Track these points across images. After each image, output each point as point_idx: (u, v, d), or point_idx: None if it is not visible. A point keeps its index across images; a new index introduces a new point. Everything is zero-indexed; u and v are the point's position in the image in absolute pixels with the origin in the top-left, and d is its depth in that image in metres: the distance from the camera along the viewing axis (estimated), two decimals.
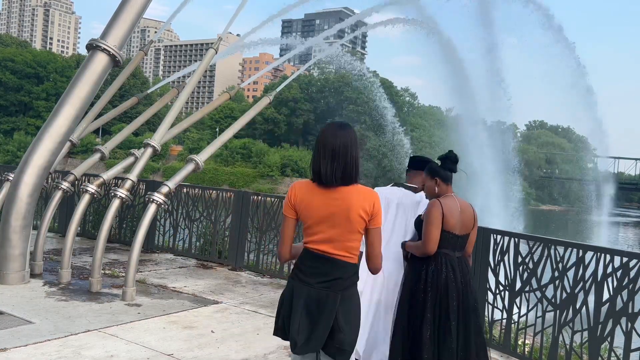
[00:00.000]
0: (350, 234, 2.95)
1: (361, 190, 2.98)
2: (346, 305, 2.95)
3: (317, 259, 2.98)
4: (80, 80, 6.94)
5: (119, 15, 7.07)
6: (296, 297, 2.97)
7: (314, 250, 2.99)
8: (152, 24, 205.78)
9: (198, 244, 9.60)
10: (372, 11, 14.45)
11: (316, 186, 2.99)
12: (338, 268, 2.96)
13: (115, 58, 7.03)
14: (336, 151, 2.94)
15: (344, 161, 2.94)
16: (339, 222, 2.94)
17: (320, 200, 2.96)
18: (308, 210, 2.98)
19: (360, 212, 2.93)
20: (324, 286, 2.94)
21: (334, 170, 2.92)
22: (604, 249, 5.13)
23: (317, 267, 2.97)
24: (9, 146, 78.37)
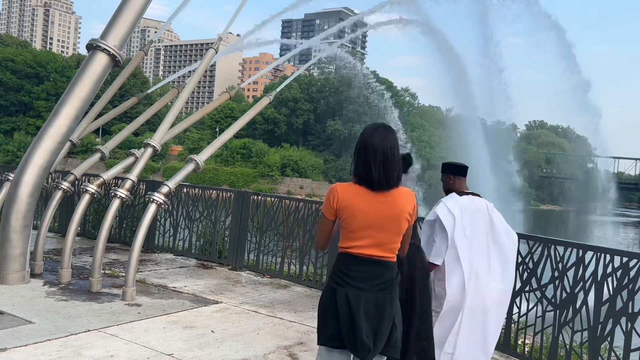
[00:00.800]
0: (397, 236, 3.01)
1: (404, 193, 3.02)
2: (396, 304, 3.01)
3: (368, 263, 2.97)
4: (81, 80, 6.94)
5: (119, 15, 7.07)
6: (354, 303, 2.91)
7: (362, 255, 2.97)
8: (152, 24, 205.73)
9: (198, 244, 9.60)
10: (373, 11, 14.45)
11: (363, 190, 2.97)
12: (389, 270, 3.00)
13: (116, 58, 7.03)
14: (387, 154, 2.92)
15: (394, 165, 2.93)
16: (389, 225, 2.96)
17: (369, 205, 2.95)
18: (355, 216, 2.96)
19: (407, 215, 2.99)
20: (379, 289, 2.95)
21: (387, 175, 2.91)
22: (604, 249, 5.14)
23: (369, 271, 2.96)
24: (9, 146, 78.40)
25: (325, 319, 3.00)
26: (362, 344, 2.88)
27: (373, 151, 2.93)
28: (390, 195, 2.96)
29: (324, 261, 7.93)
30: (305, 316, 6.58)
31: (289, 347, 5.53)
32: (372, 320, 2.92)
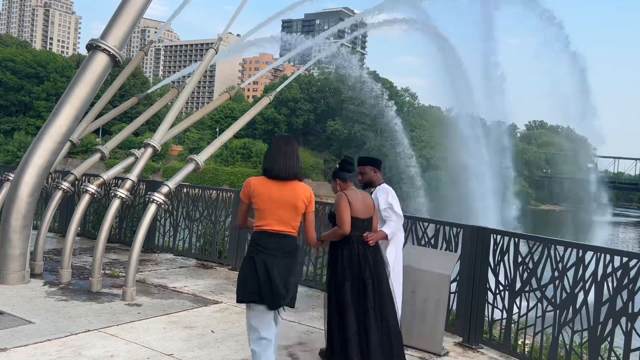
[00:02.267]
0: (296, 216, 4.07)
1: (300, 184, 4.12)
2: (296, 268, 4.11)
3: (276, 236, 4.02)
4: (81, 80, 6.94)
5: (119, 15, 7.07)
6: (270, 266, 3.93)
7: (272, 230, 4.02)
8: (152, 24, 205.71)
9: (198, 244, 9.60)
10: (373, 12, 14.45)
11: (269, 181, 4.05)
12: (291, 241, 4.08)
13: (116, 58, 7.03)
14: (287, 155, 4.07)
15: (291, 162, 4.06)
16: (289, 207, 4.03)
17: (273, 192, 4.02)
18: (263, 200, 4.03)
19: (303, 199, 4.07)
20: (286, 255, 4.02)
21: (286, 169, 4.04)
22: (604, 249, 5.13)
23: (277, 242, 4.02)
24: (9, 146, 78.38)
25: (245, 280, 3.98)
26: (278, 294, 3.90)
27: (276, 152, 4.08)
28: (290, 184, 4.04)
29: (323, 261, 7.93)
30: (305, 316, 6.58)
31: (289, 347, 5.53)
32: (282, 277, 3.94)
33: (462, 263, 6.12)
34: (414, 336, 5.83)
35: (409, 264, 6.03)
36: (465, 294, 6.09)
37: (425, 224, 6.69)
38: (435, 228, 6.53)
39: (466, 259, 6.11)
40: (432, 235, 6.54)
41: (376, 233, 5.07)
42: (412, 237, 6.73)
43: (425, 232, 6.64)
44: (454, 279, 6.13)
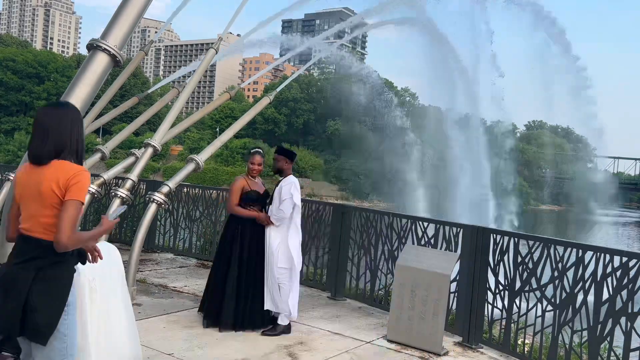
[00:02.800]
0: (45, 209, 2.79)
1: (60, 165, 2.84)
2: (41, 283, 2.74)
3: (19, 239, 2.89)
4: (81, 80, 6.93)
5: (120, 15, 7.06)
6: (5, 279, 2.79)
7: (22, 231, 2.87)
8: (152, 24, 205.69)
9: (198, 244, 9.61)
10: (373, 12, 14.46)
11: (29, 166, 2.91)
12: (34, 246, 2.80)
13: (116, 58, 7.02)
14: (45, 129, 2.86)
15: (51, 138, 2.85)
16: (36, 198, 2.81)
17: (28, 180, 2.87)
18: (16, 191, 2.93)
19: (53, 184, 2.77)
20: (27, 265, 2.76)
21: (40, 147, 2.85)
22: (604, 248, 5.14)
23: (18, 247, 2.87)
24: (9, 146, 78.34)
25: None
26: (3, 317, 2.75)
27: (35, 125, 2.90)
28: (46, 168, 2.82)
29: (323, 261, 7.94)
30: (305, 316, 6.59)
31: (289, 346, 5.54)
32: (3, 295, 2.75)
33: (462, 263, 6.13)
34: (414, 336, 5.84)
35: (409, 264, 6.05)
36: (465, 294, 6.10)
37: (425, 224, 6.70)
38: (435, 228, 6.54)
39: (466, 258, 6.12)
40: (432, 235, 6.55)
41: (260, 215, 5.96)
42: (412, 237, 6.74)
43: (425, 232, 6.65)
44: (454, 278, 6.14)
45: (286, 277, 5.90)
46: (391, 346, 5.85)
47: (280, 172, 6.10)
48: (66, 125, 2.89)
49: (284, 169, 6.09)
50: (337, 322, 6.49)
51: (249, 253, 5.96)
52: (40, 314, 2.71)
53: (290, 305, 5.90)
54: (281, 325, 5.91)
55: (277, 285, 5.86)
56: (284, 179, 6.04)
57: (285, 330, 5.92)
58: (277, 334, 5.83)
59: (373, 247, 7.21)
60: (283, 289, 5.87)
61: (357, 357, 5.46)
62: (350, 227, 7.48)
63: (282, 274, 5.88)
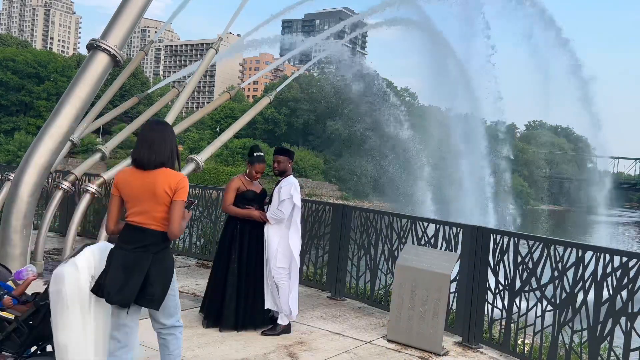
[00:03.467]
0: (158, 205, 3.56)
1: (167, 172, 3.62)
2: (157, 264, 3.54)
3: (132, 228, 3.60)
4: (81, 80, 6.95)
5: (120, 15, 7.07)
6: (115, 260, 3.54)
7: (130, 222, 3.61)
8: (152, 24, 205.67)
9: (198, 244, 9.61)
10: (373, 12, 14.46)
11: (134, 170, 3.65)
12: (149, 236, 3.56)
13: (116, 58, 7.03)
14: (151, 143, 3.63)
15: (155, 150, 3.61)
16: (149, 196, 3.56)
17: (135, 182, 3.60)
18: (125, 191, 3.64)
19: (165, 187, 3.54)
20: (138, 249, 3.54)
21: (149, 157, 3.60)
22: (604, 248, 5.14)
23: (131, 235, 3.59)
24: (9, 146, 78.28)
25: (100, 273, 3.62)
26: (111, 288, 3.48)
27: (141, 139, 3.66)
28: (156, 173, 3.58)
29: (323, 261, 7.94)
30: (305, 316, 6.59)
31: (289, 346, 5.55)
32: (127, 273, 3.48)
33: (462, 263, 6.13)
34: (414, 336, 5.85)
35: (409, 264, 6.05)
36: (465, 294, 6.10)
37: (425, 224, 6.71)
38: (435, 228, 6.54)
39: (466, 258, 6.12)
40: (432, 235, 6.56)
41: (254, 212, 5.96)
42: (412, 237, 6.75)
43: (425, 232, 6.65)
44: (454, 278, 6.14)
45: (285, 277, 5.90)
46: (391, 346, 5.86)
47: (283, 174, 6.06)
48: (167, 138, 3.68)
49: (287, 169, 6.06)
50: (337, 322, 6.50)
51: (249, 253, 5.97)
52: (157, 287, 3.52)
53: (290, 305, 5.90)
54: (281, 325, 5.91)
55: (275, 285, 5.87)
56: (284, 179, 6.02)
57: (285, 330, 5.92)
58: (277, 334, 5.84)
59: (373, 247, 7.21)
60: (282, 289, 5.87)
61: (357, 357, 5.46)
62: (350, 227, 7.48)
63: (280, 273, 5.87)
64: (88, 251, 3.77)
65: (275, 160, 6.06)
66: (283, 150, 6.19)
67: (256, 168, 6.08)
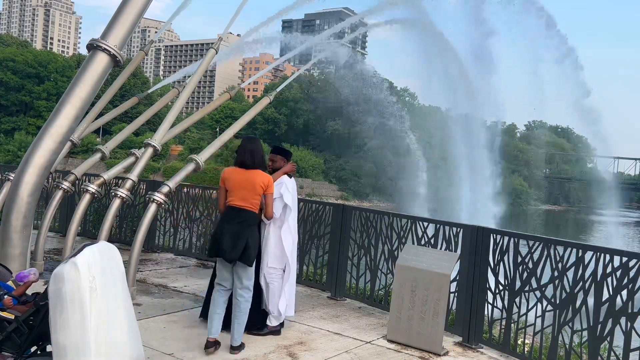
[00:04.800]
0: (256, 195, 5.33)
1: (261, 172, 5.39)
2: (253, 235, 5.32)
3: (235, 209, 5.30)
4: (81, 80, 6.94)
5: (120, 15, 7.07)
6: (224, 230, 5.23)
7: (233, 205, 5.31)
8: (152, 24, 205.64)
9: (198, 244, 9.61)
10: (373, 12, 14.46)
11: (238, 169, 5.40)
12: (246, 214, 5.31)
13: (116, 58, 7.03)
14: (251, 151, 5.41)
15: (253, 156, 5.40)
16: (250, 188, 5.30)
17: (239, 177, 5.35)
18: (230, 182, 5.36)
19: (260, 183, 5.32)
20: (239, 224, 5.25)
21: (249, 160, 5.37)
22: (604, 248, 5.14)
23: (234, 214, 5.30)
24: (9, 146, 78.31)
25: (211, 242, 5.37)
26: (223, 250, 5.17)
27: (244, 148, 5.44)
28: (253, 173, 5.33)
29: (323, 261, 7.94)
30: (305, 316, 6.59)
31: (289, 346, 5.55)
32: (233, 239, 5.16)
33: (462, 263, 6.13)
34: (414, 336, 5.85)
35: (409, 264, 6.05)
36: (465, 294, 6.10)
37: (425, 224, 6.71)
38: (435, 228, 6.54)
39: (466, 258, 6.12)
40: (432, 235, 6.56)
41: None
42: (412, 237, 6.74)
43: (425, 232, 6.65)
44: (454, 278, 6.14)
45: (276, 277, 5.83)
46: (391, 346, 5.86)
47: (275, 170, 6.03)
48: (259, 149, 5.49)
49: (281, 168, 6.06)
50: (337, 322, 6.50)
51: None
52: (252, 249, 5.24)
53: (279, 307, 5.82)
54: (269, 325, 5.84)
55: (266, 285, 5.82)
56: (280, 179, 6.01)
57: (273, 331, 5.84)
58: (263, 334, 5.78)
59: (373, 247, 7.21)
60: (272, 289, 5.80)
61: (357, 357, 5.46)
62: (350, 227, 7.48)
63: (271, 274, 5.81)
64: (88, 251, 3.76)
65: (270, 159, 6.11)
66: (278, 149, 6.23)
67: None
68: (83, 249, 3.76)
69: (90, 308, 3.67)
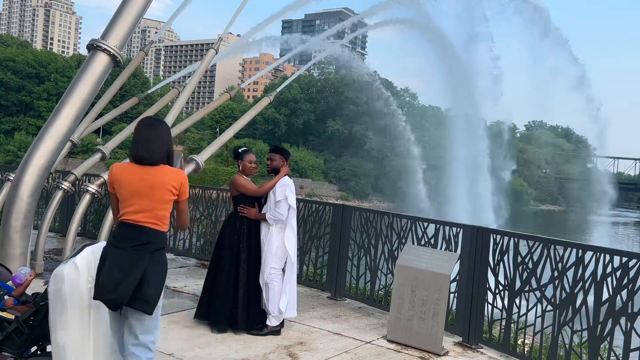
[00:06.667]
0: (161, 204, 3.54)
1: (170, 170, 3.60)
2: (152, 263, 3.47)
3: (129, 227, 3.51)
4: (81, 80, 6.95)
5: (120, 15, 7.08)
6: (109, 259, 3.45)
7: (127, 220, 3.52)
8: (152, 24, 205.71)
9: (198, 244, 9.61)
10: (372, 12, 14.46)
11: (133, 165, 3.56)
12: (147, 234, 3.51)
13: (116, 58, 7.04)
14: (149, 138, 3.56)
15: (156, 146, 3.55)
16: (152, 194, 3.51)
17: (134, 177, 3.52)
18: (122, 187, 3.54)
19: (169, 187, 3.53)
20: (136, 248, 3.45)
21: (150, 153, 3.54)
22: (604, 248, 5.14)
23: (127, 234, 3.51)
24: (9, 146, 78.26)
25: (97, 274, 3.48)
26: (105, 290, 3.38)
27: (139, 135, 3.58)
28: (154, 170, 3.52)
29: (323, 261, 7.94)
30: (305, 316, 6.59)
31: (289, 346, 5.55)
32: (121, 273, 3.36)
33: (462, 263, 6.13)
34: (414, 336, 5.85)
35: (409, 264, 6.05)
36: (465, 294, 6.10)
37: (425, 224, 6.71)
38: (435, 228, 6.54)
39: (466, 259, 6.12)
40: (432, 235, 6.56)
41: None
42: (412, 237, 6.74)
43: (425, 232, 6.65)
44: (454, 278, 6.14)
45: (276, 277, 5.84)
46: (391, 346, 5.86)
47: (276, 172, 6.04)
48: (164, 136, 3.64)
49: (280, 167, 6.07)
50: (337, 322, 6.50)
51: (256, 253, 5.94)
52: (153, 287, 3.41)
53: (280, 307, 5.81)
54: (269, 325, 5.83)
55: (266, 285, 5.82)
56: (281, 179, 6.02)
57: (273, 331, 5.83)
58: (263, 334, 5.77)
59: (373, 247, 7.21)
60: (272, 289, 5.80)
61: (357, 357, 5.46)
62: (350, 227, 7.48)
63: (271, 274, 5.82)
64: (88, 251, 3.76)
65: (269, 158, 6.10)
66: (277, 148, 6.21)
67: (247, 159, 6.08)
68: (83, 249, 3.76)
69: (89, 308, 3.68)
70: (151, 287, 3.40)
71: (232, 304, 5.77)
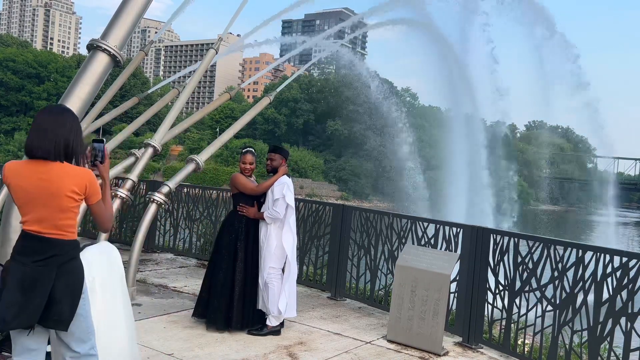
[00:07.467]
0: (60, 213, 3.00)
1: (70, 170, 3.02)
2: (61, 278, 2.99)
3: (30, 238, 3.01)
4: (81, 80, 6.94)
5: (120, 15, 7.07)
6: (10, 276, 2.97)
7: (27, 230, 3.02)
8: (152, 24, 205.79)
9: (198, 244, 9.62)
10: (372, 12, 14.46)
11: (27, 164, 3.01)
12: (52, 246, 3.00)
13: (116, 58, 7.02)
14: (44, 127, 2.99)
15: (52, 137, 2.97)
16: (49, 202, 2.97)
17: (29, 179, 2.99)
18: (16, 192, 3.03)
19: (68, 192, 2.98)
20: (39, 263, 2.97)
21: (40, 145, 2.97)
22: (604, 249, 5.14)
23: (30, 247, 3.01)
24: (9, 146, 78.29)
25: None
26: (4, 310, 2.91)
27: (34, 123, 3.03)
28: (52, 168, 2.98)
29: (323, 261, 7.94)
30: (305, 316, 6.59)
31: (289, 346, 5.55)
32: (22, 291, 2.92)
33: (462, 263, 6.13)
34: (414, 336, 5.85)
35: (409, 264, 6.05)
36: (465, 294, 6.10)
37: (425, 224, 6.71)
38: (435, 228, 6.54)
39: (466, 259, 6.12)
40: (432, 235, 6.56)
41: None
42: (412, 237, 6.75)
43: (425, 232, 6.65)
44: (454, 278, 6.15)
45: (275, 277, 5.84)
46: (391, 346, 5.86)
47: (276, 172, 6.04)
48: (69, 124, 3.08)
49: (279, 167, 6.07)
50: (337, 323, 6.50)
51: (253, 252, 5.96)
52: (64, 305, 2.98)
53: (279, 307, 5.80)
54: (268, 325, 5.83)
55: (265, 285, 5.83)
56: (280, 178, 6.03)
57: (273, 332, 5.83)
58: (263, 334, 5.78)
59: (373, 247, 7.21)
60: (271, 290, 5.80)
61: (357, 357, 5.46)
62: (350, 227, 7.48)
63: (270, 273, 5.83)
64: (88, 251, 3.76)
65: (268, 157, 6.11)
66: (276, 148, 6.23)
67: (242, 159, 6.15)
68: (83, 249, 3.76)
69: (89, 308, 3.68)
70: (63, 304, 2.96)
71: (229, 303, 5.78)
